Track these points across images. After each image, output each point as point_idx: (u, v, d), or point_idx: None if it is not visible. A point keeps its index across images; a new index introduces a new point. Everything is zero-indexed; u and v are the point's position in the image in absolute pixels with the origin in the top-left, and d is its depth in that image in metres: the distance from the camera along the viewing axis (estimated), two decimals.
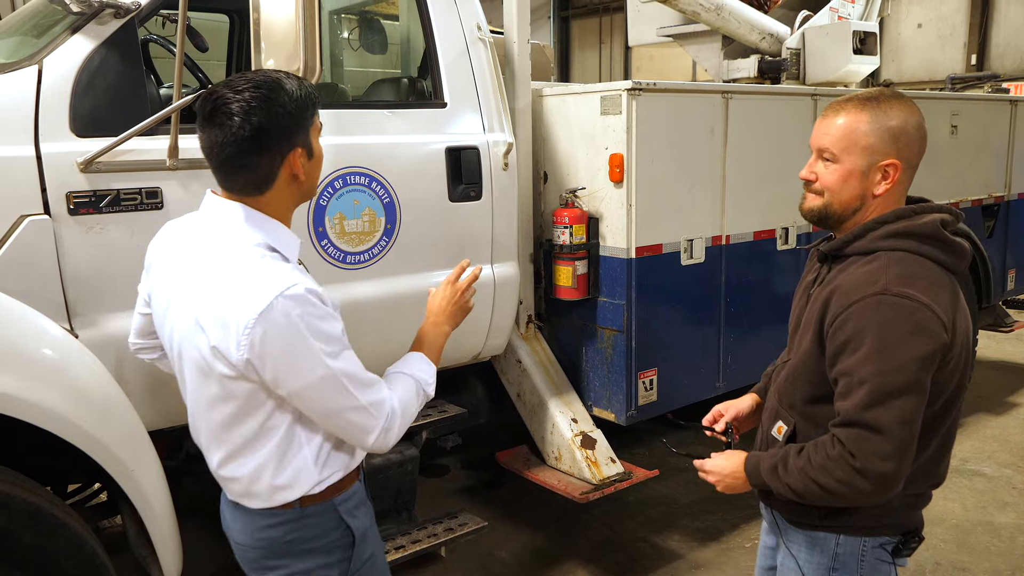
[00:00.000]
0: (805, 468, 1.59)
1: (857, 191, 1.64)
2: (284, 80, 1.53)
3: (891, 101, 1.63)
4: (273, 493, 1.60)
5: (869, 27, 4.51)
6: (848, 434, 1.54)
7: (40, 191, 2.13)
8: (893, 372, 1.49)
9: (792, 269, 3.90)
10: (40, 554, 1.94)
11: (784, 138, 3.72)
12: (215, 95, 1.49)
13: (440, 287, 1.90)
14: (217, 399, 1.55)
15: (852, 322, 1.54)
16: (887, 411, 1.50)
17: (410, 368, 1.76)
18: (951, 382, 1.60)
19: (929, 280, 1.55)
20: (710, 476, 1.84)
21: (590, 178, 3.27)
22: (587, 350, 3.42)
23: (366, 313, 2.74)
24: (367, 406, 1.56)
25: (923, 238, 1.59)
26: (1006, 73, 13.10)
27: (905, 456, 1.52)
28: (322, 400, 1.52)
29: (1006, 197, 5.21)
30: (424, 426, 3.00)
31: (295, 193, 1.60)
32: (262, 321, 1.43)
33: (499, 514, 3.88)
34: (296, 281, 1.46)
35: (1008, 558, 3.53)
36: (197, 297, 1.52)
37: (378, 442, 1.60)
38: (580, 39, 21.09)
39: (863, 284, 1.55)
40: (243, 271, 1.49)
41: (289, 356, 1.46)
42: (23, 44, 2.45)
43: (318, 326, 1.47)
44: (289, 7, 2.00)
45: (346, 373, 1.52)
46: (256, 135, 1.48)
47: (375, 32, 3.93)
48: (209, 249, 1.55)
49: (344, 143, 2.66)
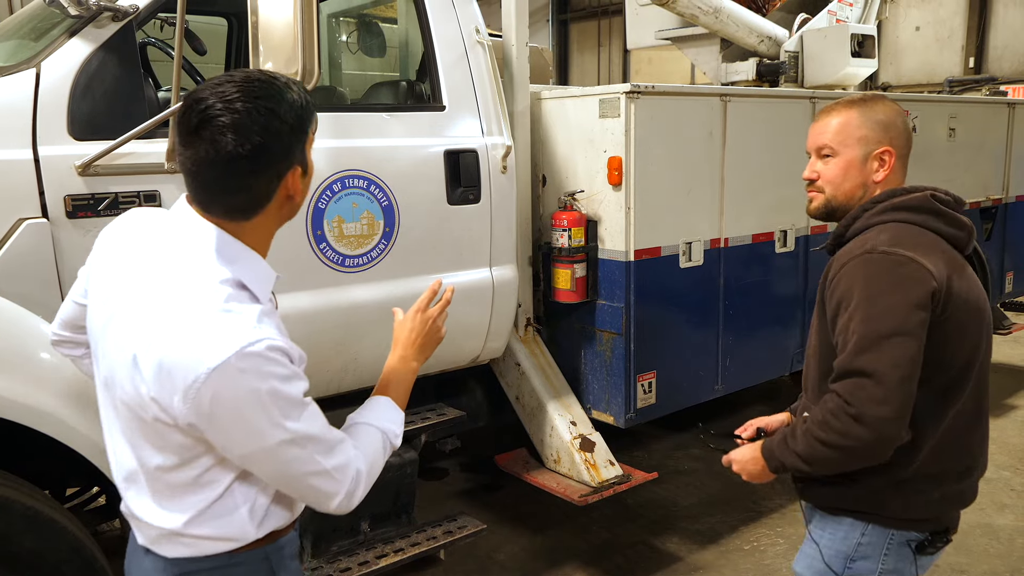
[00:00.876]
0: (809, 429, 1.62)
1: (858, 180, 1.76)
2: (283, 89, 1.33)
3: (875, 100, 1.79)
4: (198, 542, 1.39)
5: (867, 30, 4.52)
6: (843, 385, 1.58)
7: (38, 194, 2.13)
8: (879, 317, 1.55)
9: (791, 271, 3.91)
10: (39, 558, 1.94)
11: (782, 141, 3.73)
12: (202, 105, 1.26)
13: (408, 315, 1.68)
14: (149, 446, 1.34)
15: (843, 282, 1.63)
16: (877, 355, 1.53)
17: (376, 418, 1.55)
18: (961, 344, 1.63)
19: (918, 242, 1.63)
20: (734, 465, 1.86)
21: (589, 181, 3.27)
22: (586, 353, 3.42)
23: (364, 316, 2.73)
24: (331, 471, 1.37)
25: (915, 210, 1.68)
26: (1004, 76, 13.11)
27: (901, 399, 1.53)
28: (278, 466, 1.33)
29: (1004, 200, 5.21)
30: (423, 429, 3.00)
31: (284, 215, 1.42)
32: (213, 381, 1.22)
33: (498, 517, 3.88)
34: (258, 337, 1.25)
35: (1006, 560, 3.53)
36: (140, 329, 1.29)
37: (341, 506, 1.42)
38: (578, 42, 21.10)
39: (854, 248, 1.66)
40: (199, 315, 1.26)
41: (241, 422, 1.26)
42: (21, 47, 2.45)
43: (279, 389, 1.27)
44: (287, 10, 2.01)
45: (308, 436, 1.33)
46: (254, 155, 1.28)
47: (374, 35, 3.94)
48: (167, 275, 1.32)
49: (343, 146, 2.66)
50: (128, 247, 1.41)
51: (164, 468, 1.34)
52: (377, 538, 2.84)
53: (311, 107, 1.38)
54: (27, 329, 2.03)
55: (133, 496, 1.42)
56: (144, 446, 1.35)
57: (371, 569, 2.67)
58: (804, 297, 3.96)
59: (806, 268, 3.94)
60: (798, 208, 3.85)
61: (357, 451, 1.44)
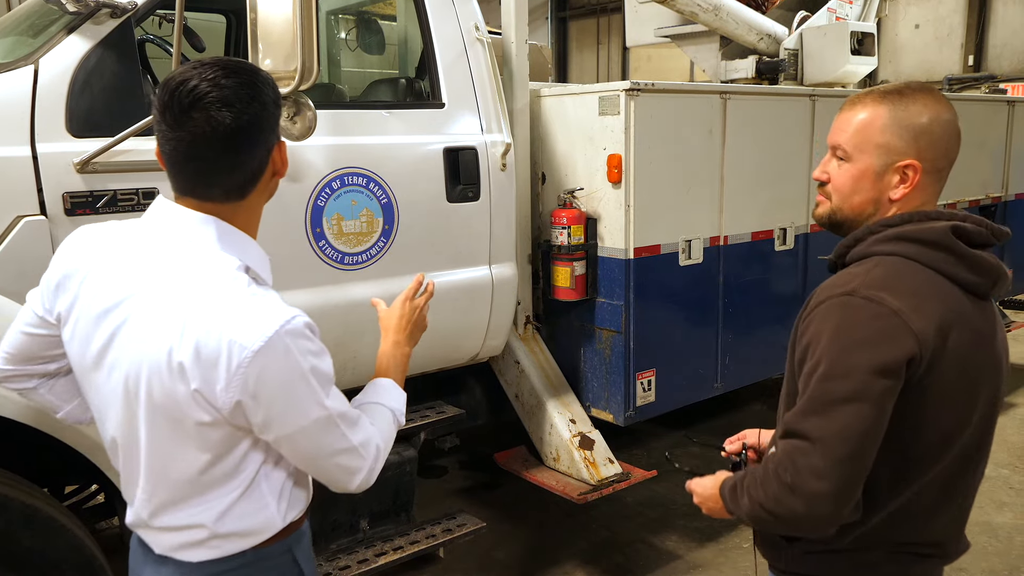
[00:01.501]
0: (751, 486, 1.42)
1: (870, 194, 1.46)
2: (255, 67, 1.39)
3: (916, 95, 1.44)
4: (225, 542, 1.40)
5: (867, 28, 4.51)
6: (785, 446, 1.37)
7: (36, 191, 2.12)
8: (837, 378, 1.32)
9: (790, 270, 3.91)
10: (38, 556, 1.93)
11: (782, 139, 3.72)
12: (189, 85, 1.27)
13: (397, 303, 1.75)
14: (185, 450, 1.34)
15: (813, 325, 1.40)
16: (826, 421, 1.31)
17: (382, 397, 1.60)
18: (940, 414, 1.38)
19: (916, 287, 1.36)
20: (695, 497, 1.67)
21: (588, 179, 3.27)
22: (585, 351, 3.42)
23: (363, 314, 2.72)
24: (358, 447, 1.41)
25: (927, 245, 1.39)
26: (1003, 74, 13.12)
27: (843, 477, 1.30)
28: (312, 444, 1.37)
29: (1003, 198, 5.21)
30: (422, 427, 3.00)
31: (271, 192, 1.46)
32: (260, 358, 1.25)
33: (497, 515, 3.88)
34: (295, 313, 1.31)
35: (1005, 558, 3.53)
36: (168, 328, 1.28)
37: (363, 483, 1.45)
38: (578, 40, 21.09)
39: (836, 284, 1.41)
40: (231, 300, 1.29)
41: (286, 397, 1.30)
42: (19, 44, 2.45)
43: (317, 366, 1.32)
44: (286, 7, 2.00)
45: (340, 413, 1.38)
46: (250, 127, 1.31)
47: (373, 32, 3.93)
48: (181, 270, 1.32)
49: (342, 143, 2.65)
50: (109, 263, 1.37)
51: (200, 469, 1.34)
52: (376, 536, 2.84)
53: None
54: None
55: (155, 504, 1.39)
56: (176, 452, 1.33)
57: (370, 567, 2.67)
58: (803, 295, 3.94)
59: (805, 266, 3.94)
60: (797, 206, 3.86)
61: (374, 427, 1.48)
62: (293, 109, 2.17)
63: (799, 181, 3.82)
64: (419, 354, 3.01)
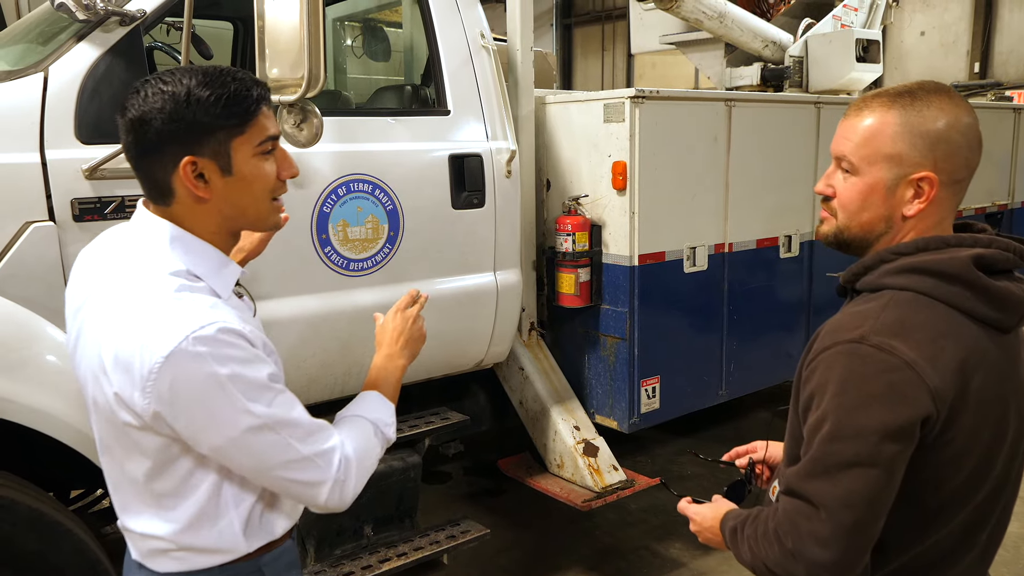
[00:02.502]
0: (751, 538, 1.33)
1: (880, 211, 1.30)
2: (201, 72, 1.29)
3: (930, 97, 1.27)
4: (190, 555, 1.36)
5: (872, 35, 4.52)
6: (787, 505, 1.26)
7: (45, 198, 2.13)
8: (844, 439, 1.20)
9: (795, 277, 3.90)
10: (43, 560, 1.94)
11: (787, 146, 3.73)
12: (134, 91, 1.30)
13: (389, 316, 1.70)
14: (127, 452, 1.32)
15: (819, 373, 1.25)
16: (831, 486, 1.20)
17: (364, 409, 1.51)
18: (963, 463, 1.25)
19: (932, 334, 1.22)
20: (691, 524, 1.56)
21: (593, 185, 3.27)
22: (590, 357, 3.42)
23: (369, 320, 2.72)
24: (311, 457, 1.31)
25: (946, 277, 1.24)
26: (1009, 81, 13.09)
27: (848, 547, 1.20)
28: (251, 457, 1.29)
29: (1009, 205, 5.21)
30: (427, 433, 3.00)
31: (213, 214, 1.34)
32: (169, 367, 1.20)
33: (501, 521, 3.87)
34: (211, 320, 1.23)
35: (1013, 567, 3.51)
36: (103, 333, 1.27)
37: (333, 498, 1.35)
38: (583, 46, 21.13)
39: (844, 327, 1.26)
40: (150, 305, 1.24)
41: (204, 409, 1.23)
42: (29, 51, 2.47)
43: (239, 372, 1.23)
44: (293, 15, 2.01)
45: (280, 421, 1.28)
46: (133, 127, 1.28)
47: (379, 39, 3.95)
48: (122, 274, 1.31)
49: (348, 150, 2.67)
50: (96, 261, 1.41)
51: (146, 475, 1.32)
52: (380, 542, 2.84)
53: (242, 97, 1.30)
54: (33, 332, 2.03)
55: (122, 508, 1.40)
56: (123, 455, 1.33)
57: (374, 573, 2.67)
58: (808, 302, 3.96)
59: (811, 273, 3.94)
60: (802, 213, 3.86)
61: (343, 438, 1.39)
62: (300, 116, 2.18)
63: (804, 188, 3.82)
64: (424, 360, 3.01)
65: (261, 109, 1.33)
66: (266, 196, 1.37)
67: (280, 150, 1.39)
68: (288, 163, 1.40)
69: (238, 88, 1.30)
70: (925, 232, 1.30)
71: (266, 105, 1.35)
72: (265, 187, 1.36)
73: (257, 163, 1.34)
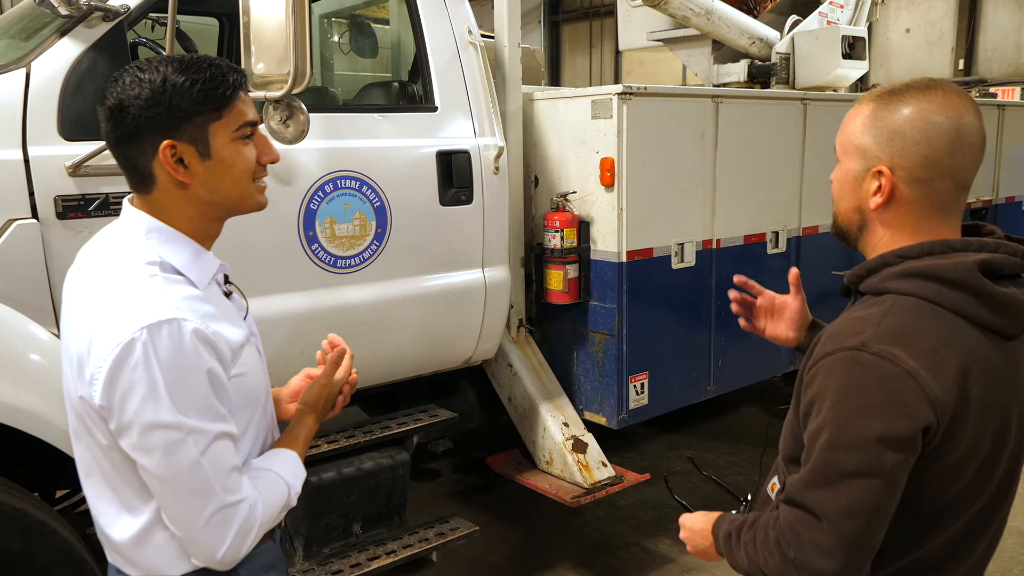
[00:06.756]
0: (749, 544, 1.32)
1: (853, 202, 1.33)
2: (178, 60, 1.30)
3: (910, 93, 1.27)
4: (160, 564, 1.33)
5: (858, 32, 4.54)
6: (788, 515, 1.25)
7: (28, 195, 2.11)
8: (844, 449, 1.19)
9: (783, 272, 3.91)
10: (28, 561, 1.92)
11: (774, 142, 3.74)
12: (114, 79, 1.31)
13: (320, 377, 1.61)
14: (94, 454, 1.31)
15: (819, 379, 1.24)
16: (833, 495, 1.19)
17: (280, 466, 1.43)
18: (964, 470, 1.24)
19: (935, 341, 1.20)
20: (683, 531, 1.55)
21: (581, 182, 3.27)
22: (578, 354, 3.42)
23: (357, 317, 2.73)
24: (220, 492, 1.25)
25: (950, 283, 1.21)
26: (993, 78, 13.20)
27: (852, 557, 1.19)
28: (161, 466, 1.22)
29: (994, 201, 5.24)
30: (415, 430, 3.00)
31: (195, 200, 1.33)
32: (116, 360, 1.18)
33: (490, 518, 3.88)
34: (172, 315, 1.20)
35: (996, 561, 3.53)
36: (78, 326, 1.28)
37: (230, 551, 1.28)
38: (570, 43, 21.13)
39: (845, 333, 1.24)
40: (116, 295, 1.23)
41: (132, 398, 1.19)
42: (11, 47, 2.44)
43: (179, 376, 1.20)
44: (279, 11, 2.00)
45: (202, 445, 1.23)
46: (111, 114, 1.29)
47: (366, 36, 3.93)
48: (98, 267, 1.32)
49: (334, 147, 2.65)
50: (85, 258, 1.40)
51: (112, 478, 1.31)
52: (369, 540, 2.83)
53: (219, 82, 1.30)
54: (16, 330, 2.02)
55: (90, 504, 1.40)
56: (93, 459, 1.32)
57: (363, 571, 2.66)
58: None
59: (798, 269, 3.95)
60: (790, 209, 3.88)
61: (254, 490, 1.32)
62: (286, 112, 2.17)
63: (791, 184, 3.83)
64: (413, 357, 3.03)
65: (238, 95, 1.33)
66: (246, 178, 1.37)
67: (260, 135, 1.40)
68: (268, 148, 1.40)
69: (214, 74, 1.30)
70: (900, 230, 1.29)
71: (243, 91, 1.35)
72: (245, 170, 1.36)
73: (236, 147, 1.34)
